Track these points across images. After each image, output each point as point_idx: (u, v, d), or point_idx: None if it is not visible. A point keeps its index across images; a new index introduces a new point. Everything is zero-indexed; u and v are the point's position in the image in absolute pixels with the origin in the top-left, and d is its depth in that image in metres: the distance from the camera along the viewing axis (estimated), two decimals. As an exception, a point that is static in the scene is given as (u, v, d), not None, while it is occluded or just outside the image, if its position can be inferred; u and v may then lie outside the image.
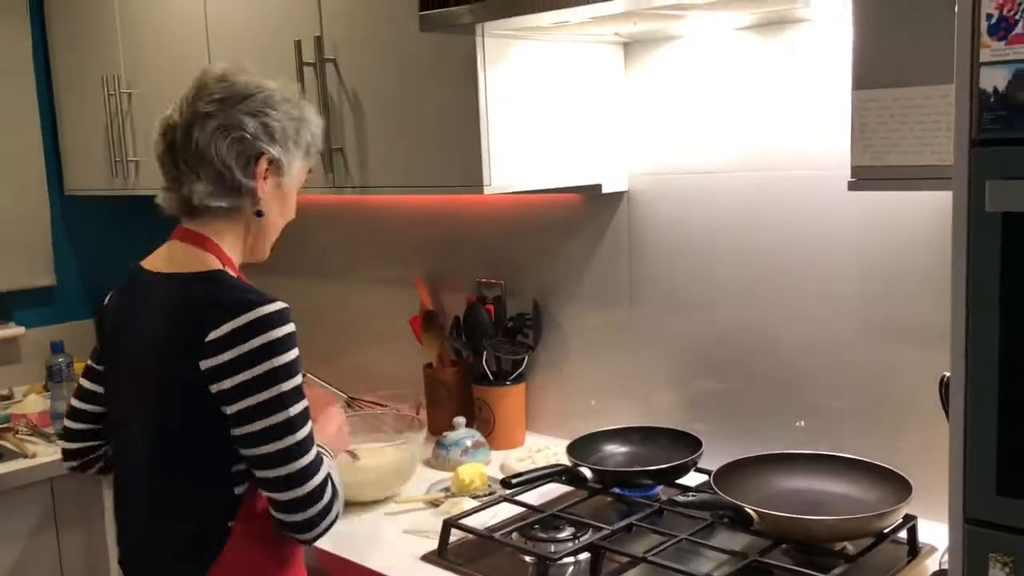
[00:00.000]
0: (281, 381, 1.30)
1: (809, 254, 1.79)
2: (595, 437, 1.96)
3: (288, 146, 1.43)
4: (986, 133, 0.92)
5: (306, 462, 1.32)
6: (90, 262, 3.07)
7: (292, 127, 1.43)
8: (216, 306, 1.31)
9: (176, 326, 1.35)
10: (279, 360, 1.30)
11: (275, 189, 1.45)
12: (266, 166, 1.41)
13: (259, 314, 1.30)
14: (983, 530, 0.98)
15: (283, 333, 1.31)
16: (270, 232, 1.50)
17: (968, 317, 0.95)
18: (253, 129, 1.38)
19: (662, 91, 1.95)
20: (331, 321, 2.77)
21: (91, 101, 2.75)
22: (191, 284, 1.38)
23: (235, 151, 1.38)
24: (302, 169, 1.49)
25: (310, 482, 1.32)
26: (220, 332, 1.29)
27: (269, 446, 1.31)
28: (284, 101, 1.43)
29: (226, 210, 1.42)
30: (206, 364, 1.30)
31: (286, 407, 1.31)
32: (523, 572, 1.56)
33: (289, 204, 1.50)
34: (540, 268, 2.23)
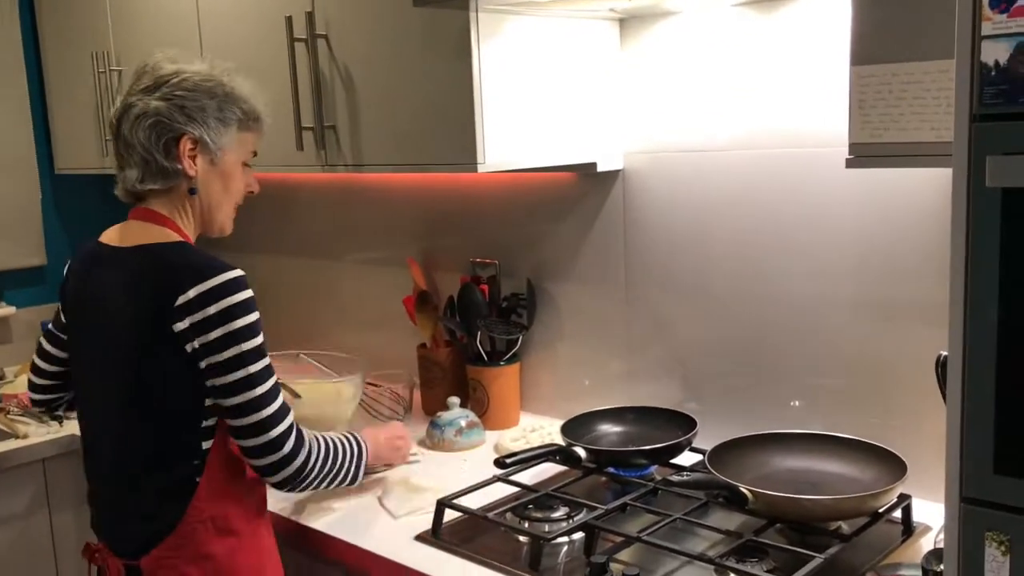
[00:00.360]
0: (241, 341, 1.40)
1: (806, 232, 1.78)
2: (589, 417, 1.95)
3: (209, 123, 1.48)
4: (987, 108, 0.91)
5: (267, 413, 1.43)
6: (81, 242, 3.03)
7: (212, 105, 1.48)
8: (183, 272, 1.41)
9: (146, 293, 1.43)
10: (238, 323, 1.40)
11: (209, 167, 1.51)
12: (190, 146, 1.47)
13: (223, 279, 1.40)
14: (980, 509, 0.97)
15: (245, 297, 1.42)
16: (215, 209, 1.55)
17: (967, 294, 0.94)
18: (168, 112, 1.45)
19: (658, 68, 1.93)
20: (324, 301, 2.76)
21: (81, 79, 2.72)
22: (157, 253, 1.46)
23: (153, 136, 1.46)
24: (243, 143, 1.55)
25: (272, 431, 1.43)
26: (188, 296, 1.39)
27: (234, 398, 1.42)
28: (205, 81, 1.49)
29: (161, 192, 1.50)
30: (179, 326, 1.39)
31: (246, 364, 1.41)
32: (517, 552, 1.56)
33: (233, 179, 1.55)
34: (535, 247, 2.22)
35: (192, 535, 1.46)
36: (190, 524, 1.46)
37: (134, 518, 1.50)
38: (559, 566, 1.52)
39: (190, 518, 1.46)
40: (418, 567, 1.53)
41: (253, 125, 1.55)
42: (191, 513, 1.46)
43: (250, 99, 1.54)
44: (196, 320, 1.38)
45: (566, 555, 1.55)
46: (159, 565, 1.47)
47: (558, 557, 1.54)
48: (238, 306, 1.40)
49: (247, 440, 1.44)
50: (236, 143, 1.53)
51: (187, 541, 1.46)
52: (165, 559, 1.46)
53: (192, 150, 1.48)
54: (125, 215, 1.55)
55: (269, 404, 1.43)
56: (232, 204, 1.58)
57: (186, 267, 1.41)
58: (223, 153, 1.51)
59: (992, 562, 0.97)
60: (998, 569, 0.97)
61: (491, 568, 1.51)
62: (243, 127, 1.53)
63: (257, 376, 1.42)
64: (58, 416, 2.48)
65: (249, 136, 1.56)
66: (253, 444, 1.44)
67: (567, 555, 1.55)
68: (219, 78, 1.51)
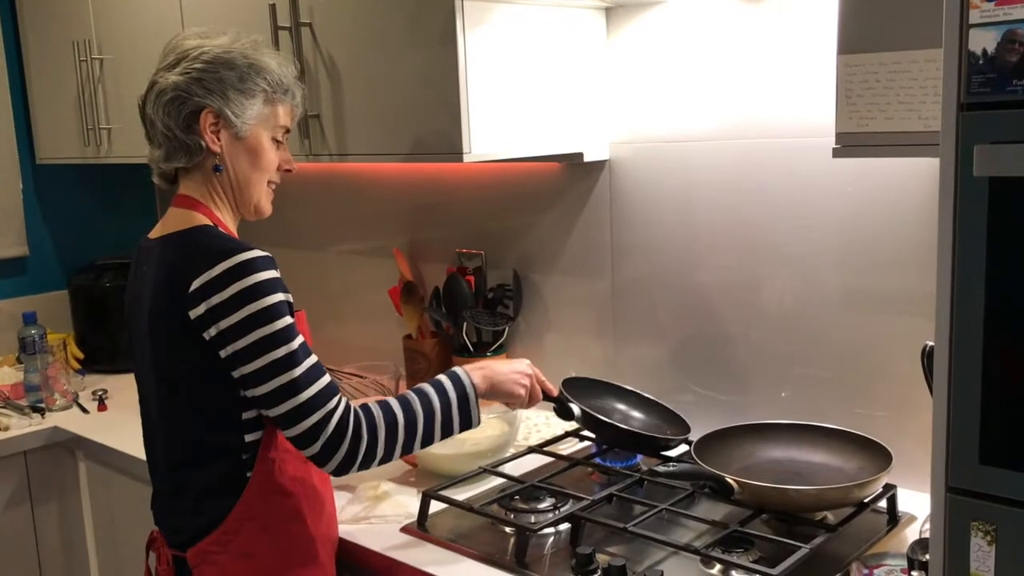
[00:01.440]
0: (260, 326, 1.32)
1: (793, 222, 1.77)
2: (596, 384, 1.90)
3: (229, 95, 1.42)
4: (974, 96, 0.91)
5: (303, 399, 1.33)
6: (63, 232, 3.02)
7: (233, 76, 1.42)
8: (196, 256, 1.35)
9: (163, 280, 1.38)
10: (253, 307, 1.32)
11: (233, 140, 1.45)
12: (212, 120, 1.42)
13: (236, 261, 1.33)
14: (965, 499, 0.97)
15: (262, 278, 1.33)
16: (245, 186, 1.48)
17: (953, 284, 0.94)
18: (186, 87, 1.41)
19: (644, 58, 1.92)
20: (309, 293, 2.74)
21: (62, 68, 2.69)
22: (176, 240, 1.42)
23: (172, 111, 1.41)
24: (271, 116, 1.47)
25: (308, 420, 1.34)
26: (201, 280, 1.33)
27: (262, 387, 1.34)
28: (225, 53, 1.43)
29: (189, 171, 1.46)
30: (194, 313, 1.33)
31: (268, 351, 1.32)
32: (504, 543, 1.55)
33: (261, 154, 1.48)
34: (521, 238, 2.21)
35: (238, 532, 1.42)
36: (237, 521, 1.42)
37: (182, 511, 1.47)
38: (545, 557, 1.51)
39: (237, 515, 1.42)
40: (404, 559, 1.52)
41: (281, 98, 1.47)
42: (239, 510, 1.41)
43: (276, 70, 1.46)
44: (212, 305, 1.31)
45: (552, 546, 1.55)
46: (203, 559, 1.44)
47: (544, 548, 1.54)
48: (254, 288, 1.32)
49: (288, 430, 1.35)
50: (263, 116, 1.46)
51: (233, 537, 1.42)
52: (210, 553, 1.43)
53: (214, 124, 1.42)
54: (108, 206, 1.53)
55: (304, 389, 1.33)
56: (264, 182, 1.49)
57: (200, 250, 1.35)
58: (249, 127, 1.44)
59: (978, 552, 0.97)
60: (984, 559, 0.97)
61: (477, 560, 1.51)
62: (269, 100, 1.46)
63: (284, 361, 1.32)
64: (40, 408, 2.46)
65: (278, 109, 1.48)
66: (295, 433, 1.34)
67: (553, 546, 1.54)
68: (241, 49, 1.44)
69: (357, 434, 1.37)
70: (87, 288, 2.85)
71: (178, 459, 1.47)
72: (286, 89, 1.48)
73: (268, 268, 1.35)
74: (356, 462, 1.37)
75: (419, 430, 1.43)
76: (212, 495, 1.43)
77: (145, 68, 2.44)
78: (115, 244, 3.01)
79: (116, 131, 2.57)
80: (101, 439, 2.27)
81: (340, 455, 1.36)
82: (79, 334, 2.87)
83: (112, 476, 2.30)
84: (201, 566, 1.45)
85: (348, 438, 1.36)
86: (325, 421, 1.34)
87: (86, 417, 2.45)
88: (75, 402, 2.53)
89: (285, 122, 1.51)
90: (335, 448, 1.35)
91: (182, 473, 1.46)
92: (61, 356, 2.61)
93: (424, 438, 1.44)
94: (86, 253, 2.99)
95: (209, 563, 1.44)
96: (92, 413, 2.47)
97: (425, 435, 1.44)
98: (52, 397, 2.50)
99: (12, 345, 2.76)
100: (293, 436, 1.36)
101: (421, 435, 1.43)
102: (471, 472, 1.77)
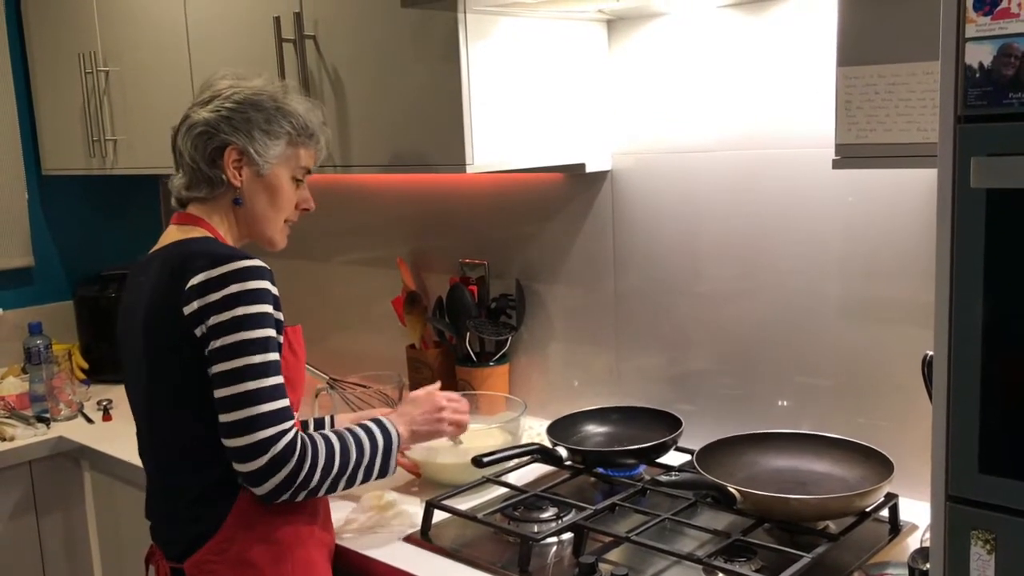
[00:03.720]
0: (244, 329, 1.36)
1: (794, 233, 1.78)
2: (576, 418, 1.96)
3: (254, 135, 1.49)
4: (971, 109, 0.92)
5: (258, 411, 1.35)
6: (69, 243, 3.04)
7: (260, 117, 1.49)
8: (197, 258, 1.40)
9: (163, 280, 1.43)
10: (242, 311, 1.36)
11: (255, 178, 1.51)
12: (235, 156, 1.49)
13: (234, 267, 1.38)
14: (965, 508, 0.98)
15: (254, 286, 1.38)
16: (262, 222, 1.55)
17: (952, 294, 0.95)
18: (215, 123, 1.48)
19: (646, 69, 1.94)
20: (313, 303, 2.75)
21: (68, 79, 2.71)
22: (179, 245, 1.48)
23: (199, 145, 1.49)
24: (293, 158, 1.54)
25: (260, 432, 1.35)
26: (198, 280, 1.38)
27: (225, 389, 1.36)
28: (255, 95, 1.51)
29: (204, 199, 1.53)
30: (188, 308, 1.38)
31: (244, 354, 1.36)
32: (507, 552, 1.56)
33: (280, 194, 1.55)
34: (524, 248, 2.22)
35: (234, 541, 1.42)
36: (232, 529, 1.42)
37: (177, 521, 1.48)
38: (548, 567, 1.52)
39: (232, 522, 1.42)
40: (407, 568, 1.53)
41: (305, 141, 1.55)
42: (233, 518, 1.42)
43: (303, 115, 1.53)
44: (205, 303, 1.36)
45: (555, 556, 1.55)
46: (201, 570, 1.44)
47: (547, 558, 1.54)
48: (247, 293, 1.37)
49: (233, 439, 1.35)
50: (285, 157, 1.53)
51: (229, 546, 1.42)
52: (207, 563, 1.43)
53: (237, 161, 1.49)
54: (113, 217, 1.56)
55: (263, 402, 1.35)
56: (281, 219, 1.57)
57: (203, 254, 1.40)
58: (270, 166, 1.51)
59: (978, 560, 0.97)
60: (983, 567, 0.97)
61: (480, 569, 1.51)
62: (293, 142, 1.53)
63: (254, 368, 1.35)
64: (45, 418, 2.47)
65: (300, 152, 1.55)
66: (238, 445, 1.35)
67: (556, 555, 1.55)
68: (271, 92, 1.52)
69: (302, 460, 1.38)
70: (92, 299, 2.86)
71: (169, 465, 1.49)
72: (311, 134, 1.55)
73: (266, 279, 1.40)
74: (292, 488, 1.38)
75: (349, 470, 1.45)
76: (205, 502, 1.44)
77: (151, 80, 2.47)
78: (120, 255, 3.02)
79: (122, 143, 2.58)
80: (106, 449, 2.28)
81: (281, 476, 1.36)
82: (84, 344, 2.88)
83: (117, 486, 2.30)
84: None
85: (293, 461, 1.37)
86: (277, 438, 1.36)
87: (91, 427, 2.46)
88: (80, 412, 2.54)
89: (307, 163, 1.58)
90: (278, 467, 1.36)
91: (173, 479, 1.48)
92: (66, 366, 2.63)
93: (349, 480, 1.46)
94: (91, 264, 3.00)
95: (207, 573, 1.44)
96: (97, 423, 2.48)
97: (351, 477, 1.46)
98: (57, 407, 2.51)
99: (18, 355, 2.77)
100: (238, 446, 1.35)
101: (348, 476, 1.45)
102: (474, 481, 1.78)
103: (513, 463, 1.83)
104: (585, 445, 1.89)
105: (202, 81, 1.58)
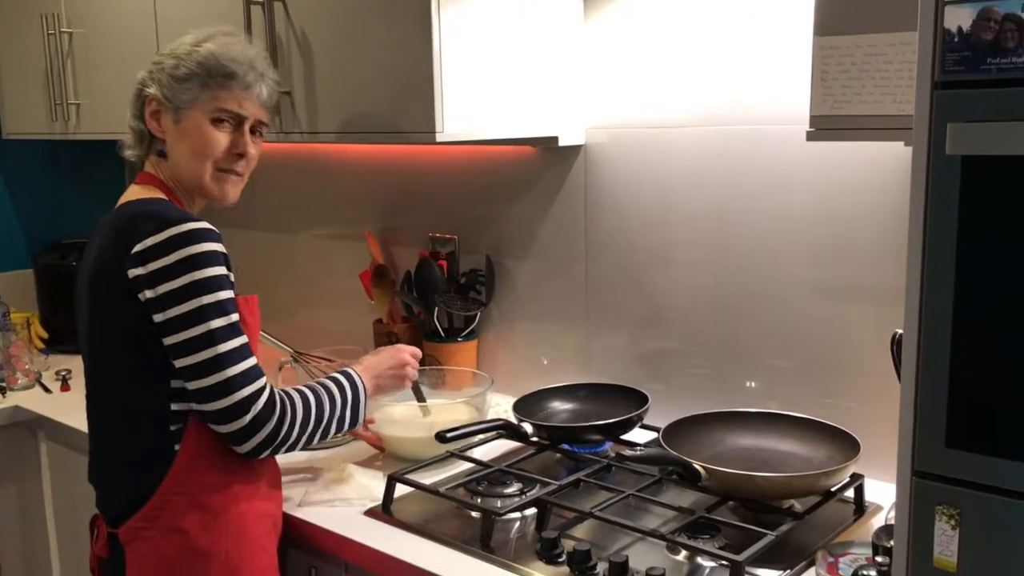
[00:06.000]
0: (201, 294, 1.34)
1: (765, 213, 1.77)
2: (543, 394, 1.94)
3: (163, 79, 1.47)
4: (948, 75, 0.90)
5: (231, 373, 1.35)
6: (29, 210, 2.96)
7: (171, 63, 1.48)
8: (143, 221, 1.37)
9: (109, 243, 1.40)
10: (199, 274, 1.34)
11: (173, 125, 1.48)
12: (153, 107, 1.49)
13: (182, 230, 1.35)
14: (930, 483, 0.97)
15: (204, 249, 1.35)
16: (185, 170, 1.49)
17: (924, 264, 0.93)
18: (141, 80, 1.51)
19: (621, 42, 1.91)
20: (281, 276, 2.71)
21: (30, 41, 2.63)
22: (128, 207, 1.45)
23: (133, 103, 1.52)
24: (210, 100, 1.47)
25: (237, 393, 1.35)
26: (143, 245, 1.35)
27: (192, 357, 1.35)
28: (179, 46, 1.50)
29: (144, 158, 1.53)
30: (133, 273, 1.35)
31: (206, 319, 1.34)
32: (469, 527, 1.53)
33: (198, 137, 1.47)
34: (494, 223, 2.19)
35: (166, 507, 1.41)
36: (165, 495, 1.41)
37: (113, 486, 1.48)
38: (511, 542, 1.50)
39: (165, 489, 1.41)
40: (367, 542, 1.50)
41: (223, 81, 1.47)
42: (167, 484, 1.41)
43: (219, 55, 1.46)
44: (153, 269, 1.33)
45: (518, 531, 1.53)
46: (134, 536, 1.43)
47: (510, 533, 1.52)
48: (198, 257, 1.34)
49: (210, 404, 1.35)
50: (199, 99, 1.46)
51: (161, 513, 1.41)
52: (140, 530, 1.42)
53: (155, 112, 1.48)
54: (76, 184, 1.53)
55: (234, 363, 1.35)
56: (207, 165, 1.48)
57: (150, 216, 1.37)
58: (184, 112, 1.47)
59: (942, 536, 0.96)
60: (947, 543, 0.96)
61: (442, 543, 1.49)
62: (205, 84, 1.46)
63: (220, 332, 1.34)
64: (1, 387, 2.41)
65: (220, 94, 1.47)
66: (217, 408, 1.35)
67: (519, 531, 1.53)
68: (192, 41, 1.49)
69: (283, 416, 1.39)
70: (53, 267, 2.80)
71: (107, 428, 1.48)
72: (228, 73, 1.47)
73: (214, 240, 1.37)
74: (274, 444, 1.40)
75: (323, 424, 1.47)
76: (139, 467, 1.43)
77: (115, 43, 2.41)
78: (83, 223, 2.93)
79: (85, 106, 2.52)
80: (63, 419, 2.23)
81: (264, 433, 1.38)
82: (44, 314, 2.82)
83: (73, 456, 2.25)
84: (133, 543, 1.43)
85: (275, 418, 1.38)
86: (256, 396, 1.36)
87: (48, 397, 2.41)
88: (38, 382, 2.49)
89: (229, 106, 1.48)
90: (260, 425, 1.37)
91: (110, 443, 1.48)
92: (24, 335, 2.57)
93: (323, 433, 1.47)
94: (53, 231, 2.93)
95: (140, 540, 1.43)
96: (55, 393, 2.43)
97: (324, 430, 1.47)
98: (14, 376, 2.46)
99: (-26, 321, 2.71)
100: (217, 409, 1.35)
101: (323, 429, 1.47)
102: (438, 456, 1.75)
103: (478, 439, 1.81)
104: (551, 421, 1.88)
105: (167, 44, 1.54)
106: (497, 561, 1.42)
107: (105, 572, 1.53)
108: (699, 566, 1.39)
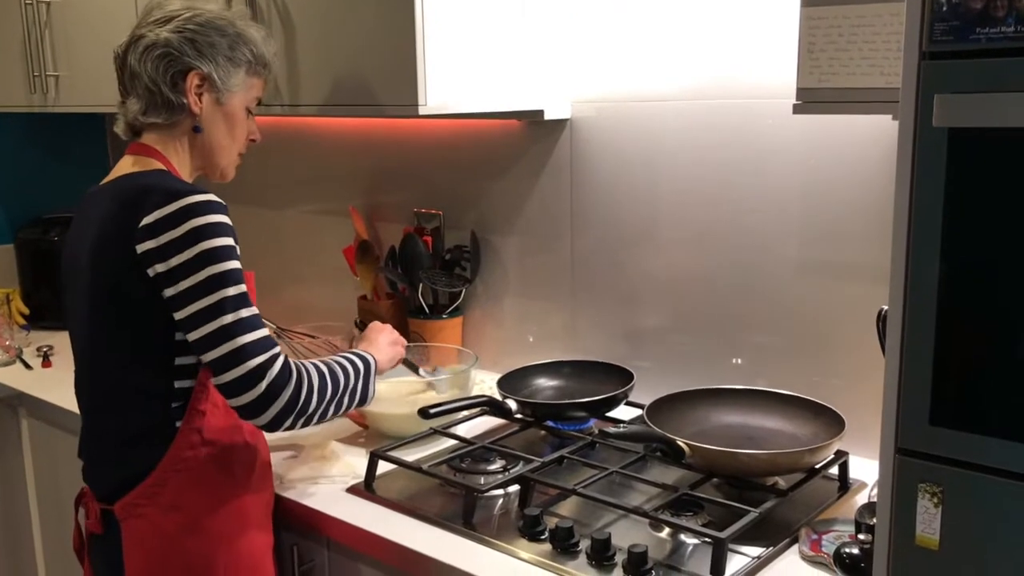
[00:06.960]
0: (212, 263, 1.31)
1: (752, 188, 1.75)
2: (527, 371, 1.93)
3: (219, 61, 1.45)
4: (937, 45, 0.88)
5: (243, 341, 1.31)
6: (9, 184, 2.92)
7: (224, 43, 1.45)
8: (150, 194, 1.34)
9: (113, 215, 1.37)
10: (207, 244, 1.31)
11: (214, 106, 1.47)
12: (197, 82, 1.44)
13: (188, 202, 1.33)
14: (914, 460, 0.96)
15: (212, 220, 1.33)
16: (218, 151, 1.51)
17: (910, 237, 0.91)
18: (178, 45, 1.42)
19: (608, 14, 1.88)
20: (265, 251, 2.68)
21: (6, 11, 2.58)
22: (130, 179, 1.42)
23: (161, 67, 1.43)
24: (250, 88, 1.52)
25: (251, 361, 1.30)
26: (152, 217, 1.32)
27: (205, 327, 1.31)
28: (217, 19, 1.46)
29: (162, 126, 1.46)
30: (141, 248, 1.32)
31: (219, 288, 1.31)
32: (451, 504, 1.52)
33: (237, 124, 1.51)
34: (480, 199, 2.17)
35: (166, 484, 1.39)
36: (165, 472, 1.39)
37: (108, 462, 1.45)
38: (494, 519, 1.49)
39: (165, 466, 1.39)
40: (349, 519, 1.49)
41: (261, 71, 1.52)
42: (167, 461, 1.39)
43: (260, 44, 1.50)
44: (162, 242, 1.31)
45: (501, 508, 1.52)
46: (131, 512, 1.41)
47: (493, 510, 1.51)
48: (208, 227, 1.32)
49: (224, 375, 1.30)
50: (244, 87, 1.49)
51: (160, 490, 1.40)
52: (137, 506, 1.41)
53: (200, 86, 1.45)
54: (56, 158, 1.49)
55: (246, 332, 1.31)
56: (236, 149, 1.53)
57: (156, 189, 1.35)
58: (230, 94, 1.48)
59: (924, 514, 0.96)
60: (930, 521, 0.96)
61: (424, 520, 1.48)
62: (251, 71, 1.50)
63: (231, 301, 1.31)
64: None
65: (256, 82, 1.52)
66: (230, 379, 1.30)
67: (502, 508, 1.52)
68: (230, 17, 1.49)
69: (299, 384, 1.34)
70: (34, 242, 2.77)
71: (105, 405, 1.45)
72: (266, 63, 1.53)
73: (223, 212, 1.35)
74: (293, 413, 1.34)
75: (339, 395, 1.42)
76: (139, 444, 1.40)
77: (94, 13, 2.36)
78: (64, 197, 2.90)
79: (64, 79, 2.47)
80: (44, 396, 2.20)
81: (282, 402, 1.32)
82: (25, 289, 2.79)
83: (55, 433, 2.24)
84: (129, 519, 1.42)
85: (292, 385, 1.33)
86: (270, 363, 1.31)
87: (29, 373, 2.38)
88: (19, 358, 2.46)
89: (260, 94, 1.55)
90: (277, 393, 1.31)
91: (109, 420, 1.44)
92: (5, 311, 2.54)
93: (338, 405, 1.43)
94: (34, 206, 2.89)
95: (137, 516, 1.41)
96: (36, 369, 2.40)
97: (339, 402, 1.43)
98: (-6, 352, 2.43)
99: (-48, 297, 2.68)
100: (230, 380, 1.30)
101: (338, 401, 1.42)
102: (421, 433, 1.74)
103: (462, 415, 1.80)
104: (536, 398, 1.86)
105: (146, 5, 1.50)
106: (479, 538, 1.41)
107: (97, 549, 1.51)
108: (682, 543, 1.39)
